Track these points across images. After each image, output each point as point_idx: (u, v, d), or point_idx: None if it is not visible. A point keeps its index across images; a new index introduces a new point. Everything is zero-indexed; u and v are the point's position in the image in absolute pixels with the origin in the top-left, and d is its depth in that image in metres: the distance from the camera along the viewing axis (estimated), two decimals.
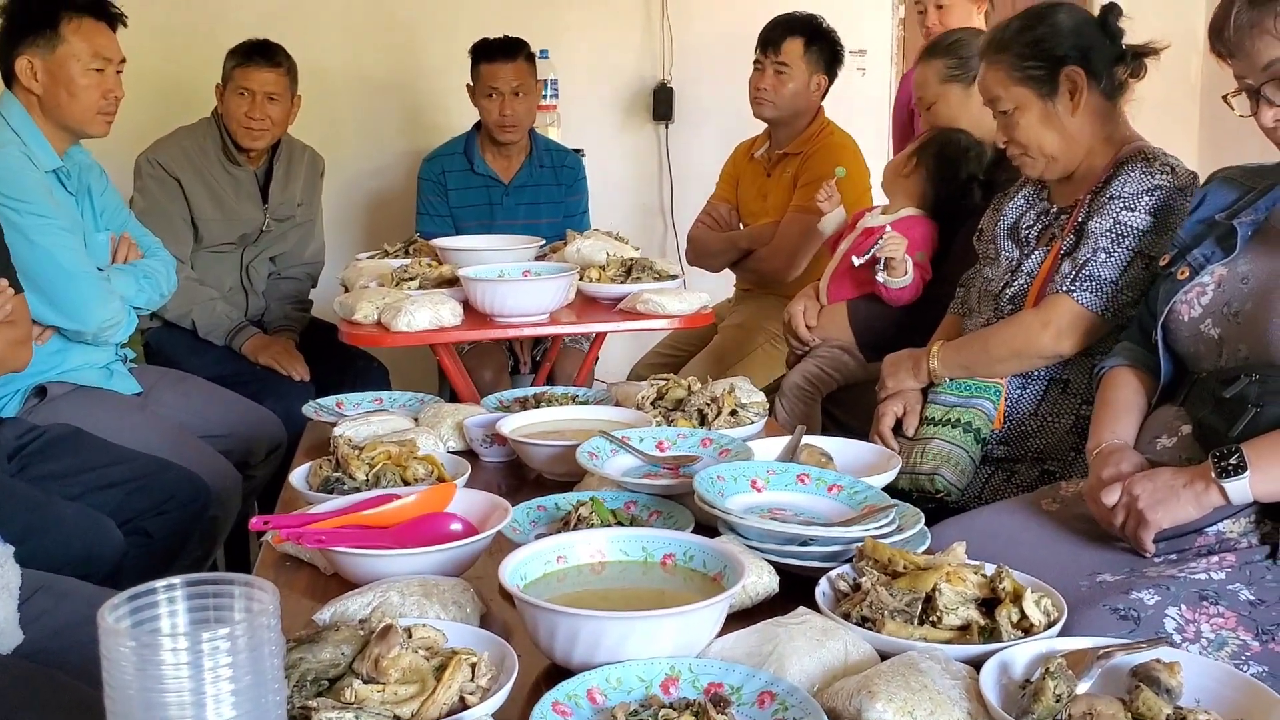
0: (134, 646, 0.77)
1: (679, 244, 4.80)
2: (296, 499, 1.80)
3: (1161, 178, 2.12)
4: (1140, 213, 2.11)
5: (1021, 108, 2.21)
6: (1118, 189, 2.13)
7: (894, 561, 1.35)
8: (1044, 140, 2.21)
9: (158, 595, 0.84)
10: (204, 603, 0.84)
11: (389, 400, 2.38)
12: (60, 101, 2.60)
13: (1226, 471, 1.59)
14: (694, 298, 2.63)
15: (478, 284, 2.51)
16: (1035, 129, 2.21)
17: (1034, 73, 2.19)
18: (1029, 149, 2.24)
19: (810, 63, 3.45)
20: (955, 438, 2.20)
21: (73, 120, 2.63)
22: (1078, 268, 2.14)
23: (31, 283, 2.46)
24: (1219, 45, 1.72)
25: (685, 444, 1.85)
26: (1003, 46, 2.23)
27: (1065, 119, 2.20)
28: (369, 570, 1.43)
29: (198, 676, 0.79)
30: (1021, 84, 2.20)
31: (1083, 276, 2.13)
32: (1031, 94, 2.20)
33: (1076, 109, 2.19)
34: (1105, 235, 2.12)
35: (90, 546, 2.17)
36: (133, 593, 0.83)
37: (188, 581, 0.84)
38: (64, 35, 2.60)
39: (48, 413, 2.53)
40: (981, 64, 2.30)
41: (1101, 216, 2.13)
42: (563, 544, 1.38)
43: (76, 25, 2.61)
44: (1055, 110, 2.20)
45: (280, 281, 3.63)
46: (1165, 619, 1.51)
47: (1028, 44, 2.20)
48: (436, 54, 4.55)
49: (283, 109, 3.44)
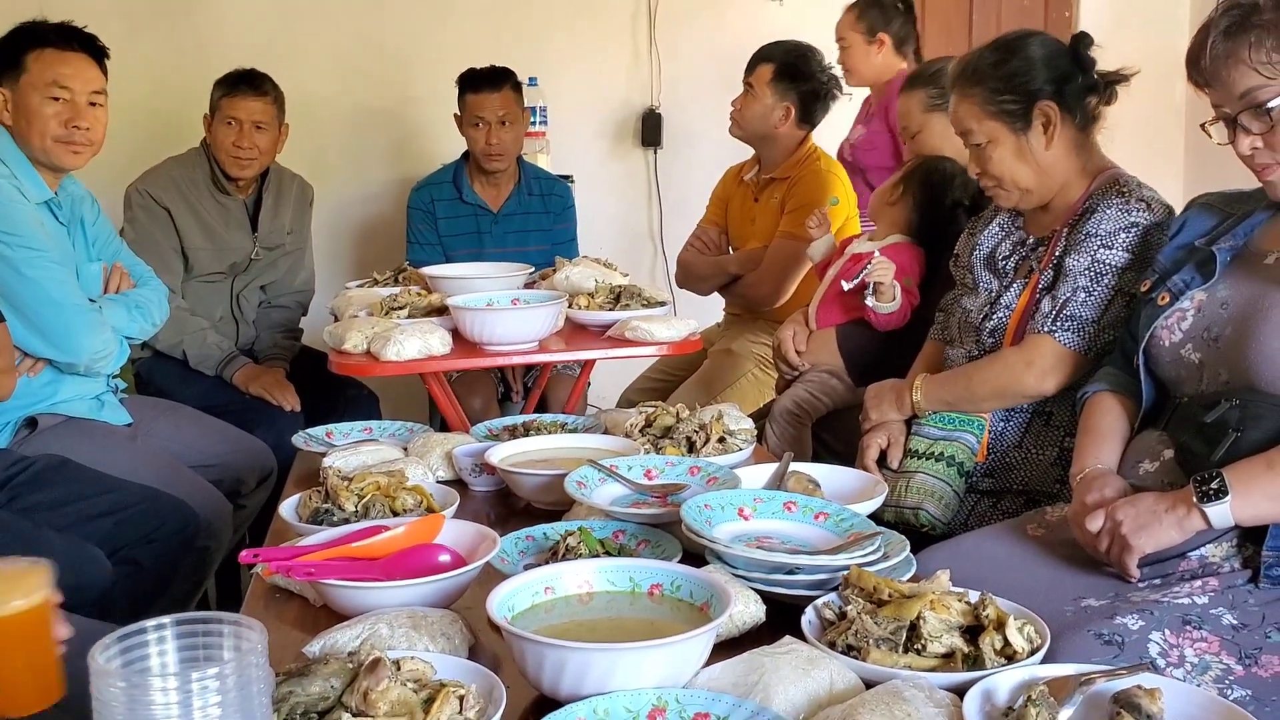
0: (124, 687, 0.78)
1: (669, 269, 4.82)
2: (286, 530, 1.80)
3: (1138, 214, 2.11)
4: (1118, 250, 2.11)
5: (994, 141, 2.22)
6: (1094, 226, 2.13)
7: (879, 589, 1.36)
8: (1017, 173, 2.22)
9: (148, 635, 0.85)
10: (193, 641, 0.85)
11: (378, 430, 2.39)
12: (22, 131, 2.60)
13: (1207, 496, 1.61)
14: (682, 324, 2.64)
15: (466, 313, 2.52)
16: (1008, 162, 2.22)
17: (1008, 107, 2.19)
18: (1002, 181, 2.24)
19: (777, 90, 3.48)
20: (939, 471, 2.22)
21: (35, 151, 2.60)
22: (1058, 307, 2.15)
23: (22, 315, 2.47)
24: (1196, 75, 1.75)
25: (673, 472, 1.86)
26: (976, 79, 2.23)
27: (1039, 152, 2.20)
28: (358, 602, 1.43)
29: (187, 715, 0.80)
30: (995, 118, 2.21)
31: (1064, 316, 2.14)
32: (1004, 128, 2.20)
33: (1050, 143, 2.19)
34: (1084, 274, 2.13)
35: (79, 577, 2.17)
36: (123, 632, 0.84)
37: (177, 621, 0.85)
38: (26, 65, 2.60)
39: (38, 444, 2.53)
40: (953, 94, 2.29)
41: (1079, 254, 2.13)
42: (550, 575, 1.39)
43: (38, 55, 2.60)
44: (1029, 144, 2.20)
45: (270, 310, 3.63)
46: (1149, 644, 1.53)
47: (1001, 78, 2.20)
48: (424, 82, 4.57)
49: (270, 138, 3.45)
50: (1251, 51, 1.66)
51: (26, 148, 2.60)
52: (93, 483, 2.39)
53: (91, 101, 2.64)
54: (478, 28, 4.61)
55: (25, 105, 2.59)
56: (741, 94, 3.55)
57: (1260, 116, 1.68)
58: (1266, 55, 1.65)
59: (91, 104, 2.64)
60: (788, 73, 3.48)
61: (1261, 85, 1.66)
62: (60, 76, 2.59)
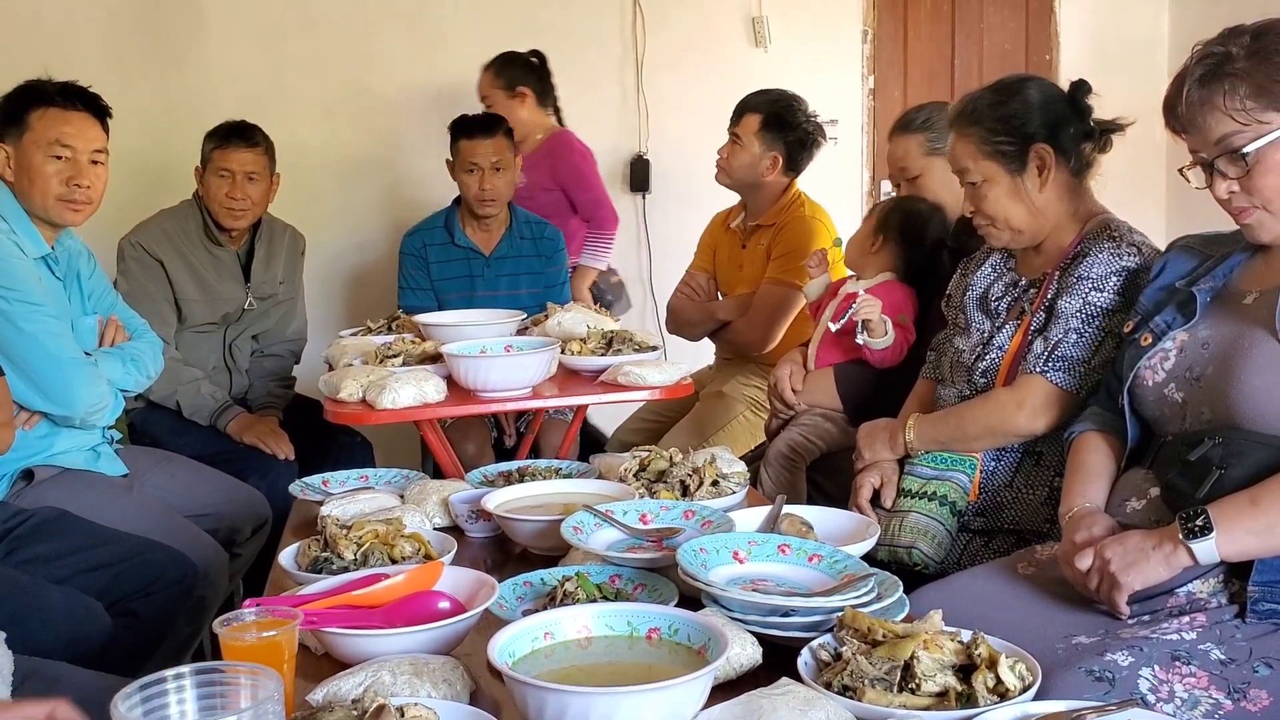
0: None
1: (659, 313, 4.86)
2: (285, 579, 1.82)
3: (1129, 259, 2.16)
4: (1108, 293, 2.15)
5: (990, 181, 2.26)
6: (1086, 270, 2.17)
7: (873, 630, 1.39)
8: (1011, 213, 2.26)
9: (167, 684, 0.88)
10: (211, 690, 0.88)
11: (374, 478, 2.41)
12: (24, 188, 2.63)
13: (1193, 533, 1.64)
14: (674, 369, 2.67)
15: (461, 360, 2.55)
16: (1003, 202, 2.26)
17: (1004, 148, 2.24)
18: (995, 221, 2.29)
19: (765, 140, 3.53)
20: (931, 510, 2.24)
21: (35, 208, 2.64)
22: (1050, 348, 2.18)
23: (19, 369, 2.49)
24: (1173, 121, 1.79)
25: (668, 516, 1.88)
26: (974, 119, 2.28)
27: (1033, 194, 2.24)
28: (360, 650, 1.45)
29: None
30: (991, 158, 2.25)
31: (1055, 357, 2.17)
32: (1000, 168, 2.25)
33: (1044, 185, 2.24)
34: (1075, 316, 2.16)
35: (77, 629, 2.18)
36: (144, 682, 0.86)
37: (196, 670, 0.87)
38: (29, 123, 2.64)
39: (35, 496, 2.54)
40: (951, 133, 2.34)
41: (1071, 297, 2.17)
42: (550, 620, 1.41)
43: (41, 113, 2.64)
44: (1023, 185, 2.24)
45: (263, 359, 3.66)
46: (1139, 680, 1.55)
47: (999, 119, 2.25)
48: (413, 130, 4.64)
49: (262, 188, 3.49)
50: (1226, 99, 1.70)
51: (27, 204, 2.64)
52: (90, 535, 2.40)
53: (93, 160, 2.67)
54: (466, 76, 4.66)
55: (27, 163, 2.62)
56: (728, 143, 3.59)
57: (1236, 161, 1.72)
58: (1240, 102, 1.70)
59: (93, 162, 2.67)
60: (774, 122, 3.52)
61: (1236, 131, 1.71)
62: (63, 135, 2.63)
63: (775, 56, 4.90)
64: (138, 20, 4.45)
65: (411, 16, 4.68)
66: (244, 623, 1.35)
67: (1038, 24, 5.23)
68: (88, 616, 2.20)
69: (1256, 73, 1.69)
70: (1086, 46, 5.23)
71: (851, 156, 5.12)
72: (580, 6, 4.83)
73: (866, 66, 5.13)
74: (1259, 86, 1.69)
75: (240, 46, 4.54)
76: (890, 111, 5.11)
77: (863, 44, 5.12)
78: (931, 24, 5.17)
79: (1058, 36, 5.24)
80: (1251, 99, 1.69)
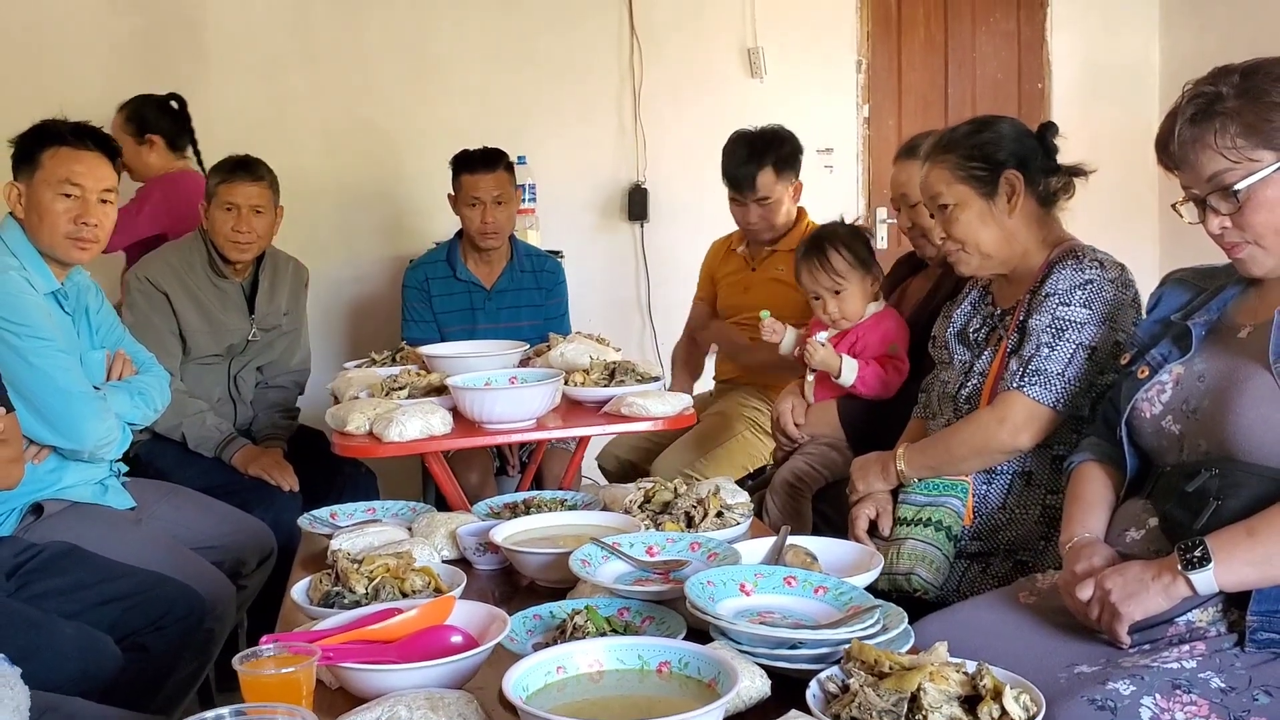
0: None
1: (657, 340, 4.91)
2: (297, 614, 1.84)
3: (1091, 271, 2.25)
4: (1076, 306, 2.24)
5: (961, 204, 2.36)
6: (1052, 286, 2.26)
7: (880, 662, 1.41)
8: (981, 237, 2.35)
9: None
10: None
11: (381, 510, 2.43)
12: (33, 226, 2.66)
13: (1191, 564, 1.67)
14: (677, 399, 2.71)
15: (466, 393, 2.58)
16: (974, 225, 2.35)
17: (977, 173, 2.34)
18: (966, 244, 2.37)
19: (784, 181, 3.57)
20: (928, 536, 2.28)
21: (44, 245, 2.67)
22: (1024, 364, 2.26)
23: (29, 403, 2.52)
24: (1165, 159, 1.84)
25: (674, 548, 1.91)
26: (949, 147, 2.39)
27: (1002, 218, 2.35)
28: (375, 685, 1.47)
29: None
30: (964, 182, 2.35)
31: (1030, 371, 2.25)
32: (973, 192, 2.35)
33: (1013, 210, 2.34)
34: (1046, 330, 2.25)
35: (89, 664, 2.20)
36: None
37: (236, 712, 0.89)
38: (41, 161, 2.67)
39: (44, 530, 2.56)
40: (926, 163, 2.44)
41: (1040, 314, 2.26)
42: (561, 655, 1.43)
43: (54, 152, 2.67)
44: (994, 209, 2.35)
45: (268, 391, 3.68)
46: (1141, 708, 1.58)
47: (973, 145, 2.36)
48: (415, 163, 4.68)
49: (267, 221, 3.52)
50: (1217, 138, 1.75)
51: (36, 241, 2.67)
52: (101, 569, 2.42)
53: (102, 199, 2.70)
54: (467, 108, 4.72)
55: (38, 201, 2.66)
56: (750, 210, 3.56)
57: (1228, 198, 1.76)
58: (1231, 140, 1.74)
59: (102, 200, 2.70)
60: (783, 162, 3.55)
61: (1228, 169, 1.75)
62: (73, 174, 2.66)
63: (771, 86, 4.96)
64: (140, 53, 4.50)
65: (410, 49, 4.73)
66: (262, 658, 1.37)
67: (1029, 54, 5.29)
68: (99, 651, 2.21)
69: (1246, 112, 1.74)
70: (1078, 76, 5.29)
71: (847, 184, 5.17)
72: (578, 38, 4.88)
73: (861, 95, 5.19)
74: (1249, 125, 1.73)
75: (241, 79, 4.59)
76: (885, 140, 5.18)
77: (857, 73, 5.17)
78: (925, 54, 5.23)
79: (1050, 65, 5.29)
80: (1242, 137, 1.73)
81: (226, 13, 4.57)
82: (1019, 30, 5.28)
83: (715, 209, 3.86)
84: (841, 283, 2.87)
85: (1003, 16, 5.27)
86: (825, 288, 2.88)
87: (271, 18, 4.61)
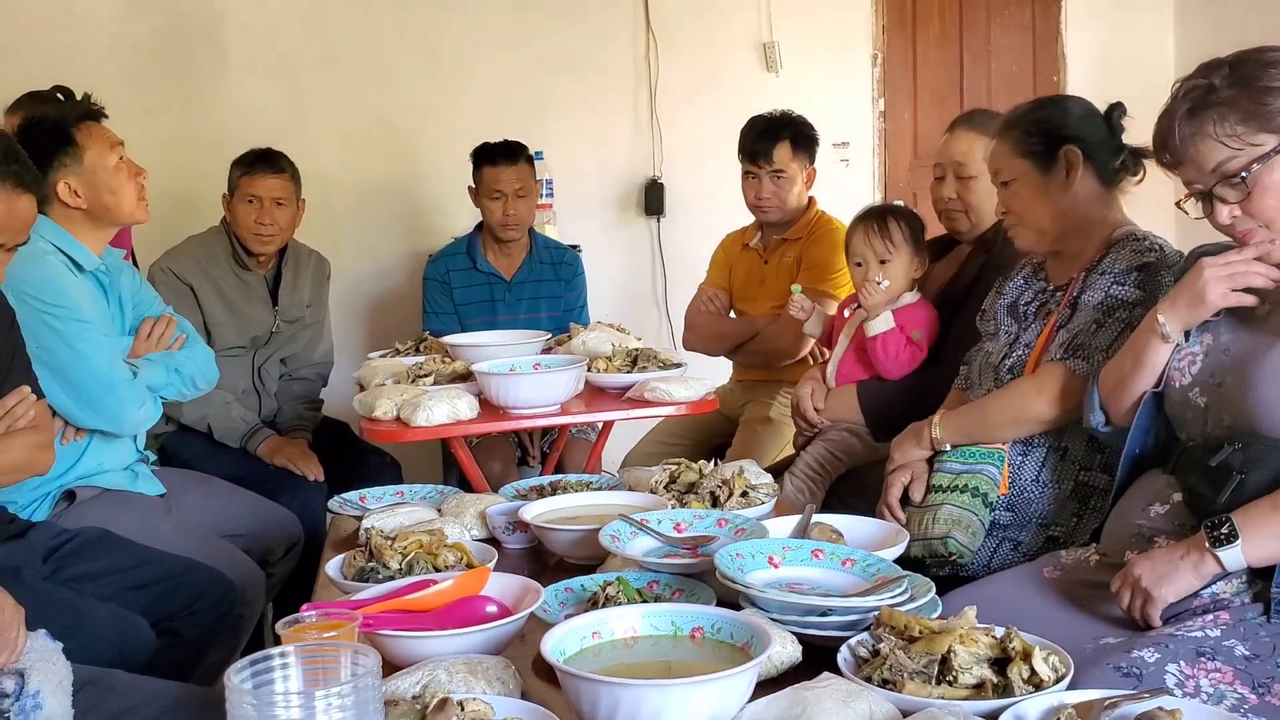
0: (255, 704, 0.85)
1: (673, 332, 4.93)
2: (332, 589, 1.87)
3: (1151, 255, 2.24)
4: (1130, 286, 2.22)
5: (1021, 179, 2.36)
6: (1109, 265, 2.26)
7: (910, 627, 1.44)
8: (1038, 211, 2.35)
9: (273, 661, 0.93)
10: (314, 666, 0.93)
11: (410, 493, 2.46)
12: (107, 205, 2.69)
13: (1219, 541, 1.69)
14: (699, 384, 2.73)
15: (492, 378, 2.61)
16: (1030, 200, 2.35)
17: (1035, 148, 2.35)
18: (1023, 219, 2.37)
19: (800, 160, 3.58)
20: (964, 502, 2.27)
21: (122, 216, 2.75)
22: (1072, 337, 2.25)
23: (69, 386, 2.55)
24: (1166, 157, 1.86)
25: (702, 525, 1.94)
26: (1012, 124, 2.41)
27: (1059, 194, 2.33)
28: (414, 651, 1.51)
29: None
30: (1023, 156, 2.36)
31: (1075, 346, 2.24)
32: (1031, 167, 2.35)
33: (1071, 186, 2.32)
34: (1097, 308, 2.23)
35: (123, 646, 2.22)
36: (253, 658, 0.91)
37: (300, 648, 0.92)
38: (82, 145, 2.68)
39: (77, 516, 2.59)
40: (994, 140, 2.46)
41: (1094, 291, 2.25)
42: (597, 620, 1.47)
43: (87, 131, 2.70)
44: (1050, 185, 2.33)
45: (292, 382, 3.71)
46: (1166, 675, 1.60)
47: (1034, 121, 2.38)
48: (433, 159, 4.72)
49: (289, 213, 3.55)
50: (1216, 127, 1.77)
51: (109, 218, 2.73)
52: (134, 555, 2.45)
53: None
54: (483, 105, 4.75)
55: (103, 182, 2.69)
56: (763, 182, 3.57)
57: (1236, 186, 1.78)
58: (1231, 129, 1.76)
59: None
60: (802, 141, 3.58)
61: (1231, 156, 1.77)
62: (111, 141, 2.73)
63: (786, 81, 4.98)
64: (160, 54, 4.55)
65: (428, 47, 4.77)
66: (305, 624, 1.40)
67: (1045, 46, 5.31)
68: (134, 633, 2.24)
69: (1242, 99, 1.76)
70: (1093, 68, 5.30)
71: (863, 178, 5.19)
72: (594, 34, 4.92)
73: (876, 90, 5.21)
74: (1246, 111, 1.76)
75: (261, 78, 4.63)
76: (901, 134, 5.20)
77: (872, 68, 5.20)
78: (940, 47, 5.25)
79: (1065, 58, 5.31)
80: (1241, 124, 1.76)
81: (245, 11, 4.62)
82: (1034, 23, 5.29)
83: (732, 203, 3.87)
84: (892, 253, 2.86)
85: (1017, 10, 5.29)
86: (875, 252, 2.86)
87: (289, 16, 4.65)
